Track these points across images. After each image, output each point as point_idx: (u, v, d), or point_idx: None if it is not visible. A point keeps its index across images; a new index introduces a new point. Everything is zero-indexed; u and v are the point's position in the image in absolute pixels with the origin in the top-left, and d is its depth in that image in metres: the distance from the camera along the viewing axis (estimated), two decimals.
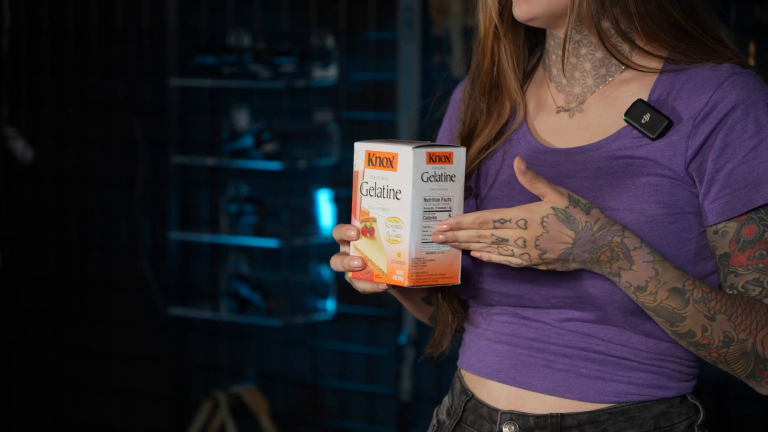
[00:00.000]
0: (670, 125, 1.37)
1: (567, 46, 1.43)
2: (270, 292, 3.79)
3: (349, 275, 1.39)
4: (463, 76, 1.65)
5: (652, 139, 1.38)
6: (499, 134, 1.49)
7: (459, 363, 1.52)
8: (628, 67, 1.42)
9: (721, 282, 1.39)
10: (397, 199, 1.34)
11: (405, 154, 1.33)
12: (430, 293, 1.54)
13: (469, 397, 1.47)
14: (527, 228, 1.30)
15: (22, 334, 4.36)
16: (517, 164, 1.31)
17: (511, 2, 1.44)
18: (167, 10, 3.96)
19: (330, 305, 3.74)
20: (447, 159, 1.35)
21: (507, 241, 1.31)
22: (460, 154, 1.35)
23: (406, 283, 1.34)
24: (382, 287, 1.37)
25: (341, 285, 3.76)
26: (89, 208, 4.23)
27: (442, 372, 3.56)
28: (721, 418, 2.99)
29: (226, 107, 3.89)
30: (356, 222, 1.38)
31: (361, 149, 1.38)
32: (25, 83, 4.30)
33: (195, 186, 4.00)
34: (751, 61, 1.46)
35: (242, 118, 3.78)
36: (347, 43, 3.74)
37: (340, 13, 3.73)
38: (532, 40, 1.51)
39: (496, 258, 1.32)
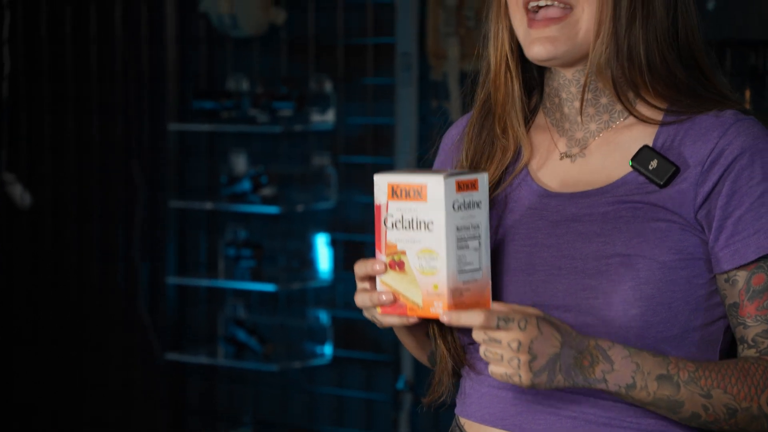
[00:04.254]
0: (677, 172, 1.37)
1: (585, 95, 1.43)
2: (267, 337, 3.77)
3: (377, 311, 1.36)
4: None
5: (661, 186, 1.37)
6: (501, 179, 1.47)
7: (458, 411, 1.48)
8: (631, 114, 1.42)
9: (733, 331, 1.38)
10: (429, 230, 1.31)
11: (436, 184, 1.31)
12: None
13: None
14: (525, 329, 1.27)
15: (19, 374, 4.34)
16: (446, 319, 1.31)
17: (518, 40, 1.44)
18: (166, 54, 3.98)
19: (327, 350, 3.73)
20: (473, 186, 1.33)
21: (500, 342, 1.28)
22: (483, 180, 1.34)
23: (444, 317, 1.31)
24: (413, 320, 1.34)
25: (338, 329, 3.74)
26: (87, 250, 4.23)
27: (440, 418, 3.54)
28: None
29: (224, 151, 3.89)
30: (382, 256, 1.35)
31: (383, 182, 1.35)
32: (25, 126, 4.31)
33: (193, 229, 4.00)
34: (747, 106, 1.47)
35: (240, 162, 3.79)
36: (345, 87, 3.75)
37: (338, 58, 3.75)
38: (529, 84, 1.51)
39: (486, 359, 1.30)
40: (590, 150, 1.44)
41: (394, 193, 1.34)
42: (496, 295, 1.41)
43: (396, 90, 3.61)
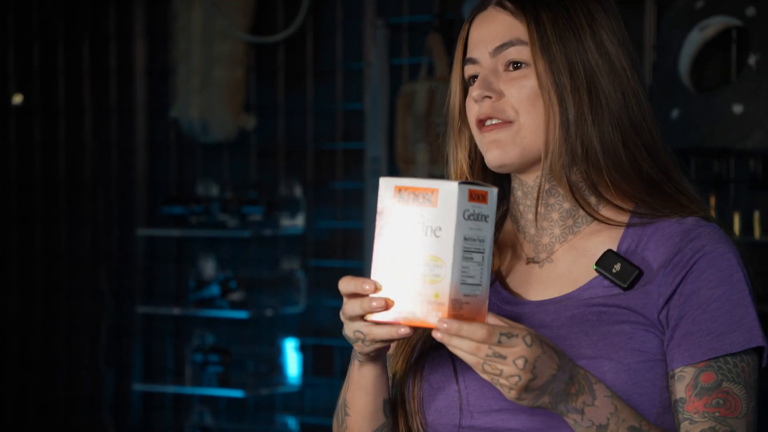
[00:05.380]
0: (640, 275, 1.39)
1: (540, 199, 1.45)
2: None
3: (368, 319, 1.28)
4: None
5: (624, 289, 1.39)
6: None
7: None
8: (595, 219, 1.44)
9: (677, 427, 1.38)
10: (436, 236, 1.25)
11: (449, 189, 1.24)
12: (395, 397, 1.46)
13: None
14: (531, 346, 1.25)
15: None
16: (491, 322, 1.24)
17: (480, 155, 1.46)
18: (136, 160, 3.99)
19: None
20: (483, 198, 1.27)
21: (505, 358, 1.24)
22: (493, 194, 1.29)
23: (444, 325, 1.23)
24: (404, 331, 1.27)
25: None
26: (53, 358, 4.17)
27: None
28: None
29: (193, 256, 3.88)
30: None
31: (389, 184, 1.28)
32: None
33: (160, 335, 3.96)
34: (712, 213, 1.49)
35: (209, 267, 3.78)
36: (315, 192, 3.77)
37: (308, 163, 3.77)
38: (499, 193, 1.53)
39: (482, 373, 1.25)
40: (557, 255, 1.45)
41: (401, 197, 1.28)
42: (464, 404, 1.39)
43: (365, 194, 3.63)
